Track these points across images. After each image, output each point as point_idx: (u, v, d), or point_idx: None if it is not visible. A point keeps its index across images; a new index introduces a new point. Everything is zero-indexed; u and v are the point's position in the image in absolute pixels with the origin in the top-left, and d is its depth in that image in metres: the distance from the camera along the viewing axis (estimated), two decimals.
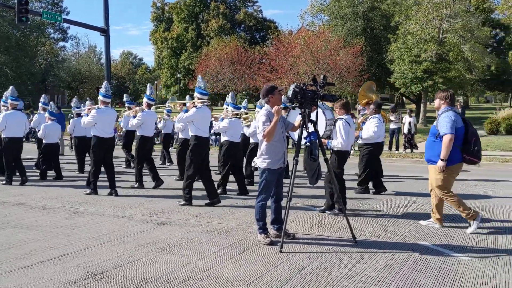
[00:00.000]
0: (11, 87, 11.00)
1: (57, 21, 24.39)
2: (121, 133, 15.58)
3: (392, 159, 15.89)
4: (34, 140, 17.76)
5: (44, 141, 11.23)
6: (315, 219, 6.79)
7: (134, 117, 10.11)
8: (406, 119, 17.92)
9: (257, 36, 58.29)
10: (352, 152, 12.76)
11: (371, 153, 8.97)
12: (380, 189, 9.09)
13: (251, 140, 10.06)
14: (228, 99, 9.51)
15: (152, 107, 10.20)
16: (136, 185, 9.65)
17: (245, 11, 58.17)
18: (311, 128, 5.43)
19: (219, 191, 8.69)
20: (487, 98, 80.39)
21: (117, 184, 9.01)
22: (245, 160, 10.07)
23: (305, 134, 5.47)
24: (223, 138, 9.18)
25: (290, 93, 5.29)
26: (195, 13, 56.74)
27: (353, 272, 4.51)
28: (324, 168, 5.91)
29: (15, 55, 39.44)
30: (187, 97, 11.80)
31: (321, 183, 6.74)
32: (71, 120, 12.06)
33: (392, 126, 17.91)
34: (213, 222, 6.55)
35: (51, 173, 11.22)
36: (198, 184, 9.40)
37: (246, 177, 9.92)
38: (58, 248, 5.30)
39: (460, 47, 28.26)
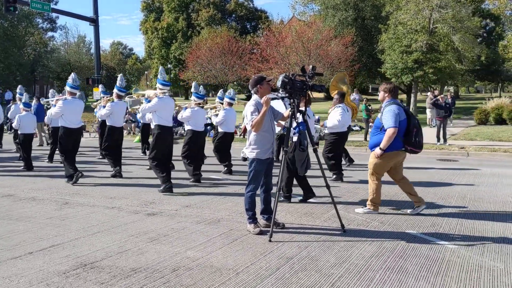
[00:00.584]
0: None
1: (46, 11, 24.14)
2: (97, 123, 15.39)
3: None
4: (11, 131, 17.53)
5: (19, 132, 11.35)
6: (304, 208, 6.83)
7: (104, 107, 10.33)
8: None
9: (248, 26, 58.00)
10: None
11: (337, 142, 9.40)
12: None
13: (219, 130, 10.34)
14: (192, 89, 9.77)
15: (126, 98, 10.32)
16: (114, 172, 9.83)
17: (236, 0, 57.79)
18: (300, 119, 5.45)
19: (191, 180, 9.11)
20: (477, 88, 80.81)
21: (104, 174, 8.99)
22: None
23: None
24: (186, 127, 9.47)
25: (279, 83, 5.30)
26: (186, 2, 56.20)
27: (341, 260, 4.56)
28: (313, 158, 5.94)
29: (3, 46, 38.85)
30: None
31: (311, 173, 6.81)
32: (47, 111, 12.05)
33: None
34: (202, 212, 6.57)
35: (38, 165, 11.17)
36: (185, 174, 9.41)
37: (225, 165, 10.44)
38: (48, 239, 5.29)
39: (450, 37, 28.33)
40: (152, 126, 9.59)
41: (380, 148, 6.10)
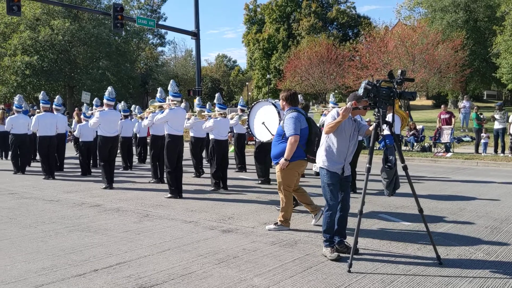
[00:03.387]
0: (42, 92, 12.47)
1: (151, 26, 25.35)
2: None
3: (496, 163, 14.26)
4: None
5: (80, 140, 12.22)
6: (395, 232, 6.04)
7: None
8: None
9: (350, 33, 56.69)
10: None
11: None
12: None
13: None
14: (215, 99, 10.19)
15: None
16: (153, 181, 10.70)
17: (338, 8, 56.72)
18: (386, 131, 4.75)
19: (212, 188, 9.51)
20: None
21: (189, 181, 8.86)
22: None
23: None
24: (210, 137, 9.86)
25: (361, 91, 4.64)
26: (287, 13, 56.40)
27: None
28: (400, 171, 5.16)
29: (116, 60, 41.78)
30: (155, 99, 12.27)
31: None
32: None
33: (497, 125, 15.99)
34: (280, 232, 6.06)
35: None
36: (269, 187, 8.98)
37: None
38: (117, 255, 5.13)
39: None
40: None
41: (285, 159, 5.80)
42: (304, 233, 6.03)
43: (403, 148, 17.11)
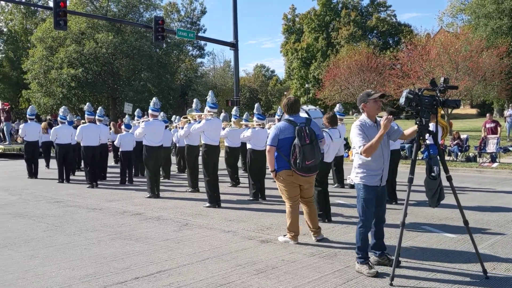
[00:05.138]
0: (87, 103, 12.95)
1: (191, 38, 25.83)
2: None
3: None
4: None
5: (120, 149, 12.58)
6: (438, 245, 5.84)
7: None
8: None
9: (390, 41, 55.92)
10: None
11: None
12: None
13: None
14: (254, 110, 10.37)
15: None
16: (190, 190, 10.80)
17: (378, 16, 56.16)
18: (429, 141, 4.62)
19: (250, 198, 9.50)
20: None
21: (228, 193, 8.88)
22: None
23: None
24: (248, 147, 9.92)
25: (402, 100, 4.54)
26: (326, 22, 56.33)
27: None
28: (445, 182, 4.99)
29: (157, 72, 42.72)
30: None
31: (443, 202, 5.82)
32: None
33: None
34: (320, 242, 5.98)
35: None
36: None
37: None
38: (158, 263, 5.20)
39: None
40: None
41: (271, 170, 5.88)
42: (344, 244, 5.92)
43: (447, 158, 16.64)
